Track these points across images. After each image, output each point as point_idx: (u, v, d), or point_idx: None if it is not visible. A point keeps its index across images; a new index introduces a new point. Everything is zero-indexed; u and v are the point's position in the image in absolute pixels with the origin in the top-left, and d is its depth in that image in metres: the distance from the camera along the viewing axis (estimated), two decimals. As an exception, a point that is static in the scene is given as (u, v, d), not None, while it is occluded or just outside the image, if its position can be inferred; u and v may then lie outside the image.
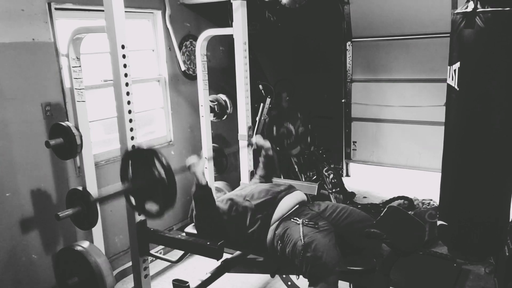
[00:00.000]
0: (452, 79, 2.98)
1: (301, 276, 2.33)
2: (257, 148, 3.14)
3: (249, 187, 2.74)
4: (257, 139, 3.11)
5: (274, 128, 3.53)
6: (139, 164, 2.09)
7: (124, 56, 2.25)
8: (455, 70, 2.94)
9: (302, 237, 2.23)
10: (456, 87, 2.95)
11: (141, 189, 2.09)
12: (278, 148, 3.42)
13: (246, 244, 2.58)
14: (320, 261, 2.13)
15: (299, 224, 2.33)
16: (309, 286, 2.17)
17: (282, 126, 3.51)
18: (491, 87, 2.84)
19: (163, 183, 2.00)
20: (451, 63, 3.01)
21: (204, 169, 2.47)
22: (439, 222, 3.30)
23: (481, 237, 3.10)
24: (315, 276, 2.14)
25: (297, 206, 2.53)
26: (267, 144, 3.07)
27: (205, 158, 2.50)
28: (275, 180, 3.18)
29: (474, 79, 2.87)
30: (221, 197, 2.74)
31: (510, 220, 3.18)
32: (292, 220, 2.39)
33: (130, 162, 2.11)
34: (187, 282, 2.42)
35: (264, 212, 2.46)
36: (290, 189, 2.65)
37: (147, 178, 2.05)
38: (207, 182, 2.50)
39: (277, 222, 2.43)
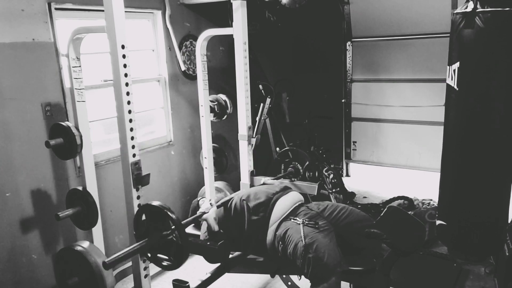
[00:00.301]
0: (452, 79, 2.98)
1: (302, 276, 2.33)
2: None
3: (246, 189, 2.76)
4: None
5: (282, 167, 3.61)
6: (151, 220, 2.19)
7: (124, 56, 2.25)
8: (454, 70, 2.94)
9: (303, 238, 2.23)
10: (455, 87, 2.95)
11: (155, 246, 2.18)
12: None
13: (246, 246, 2.59)
14: (321, 261, 2.13)
15: (299, 224, 2.33)
16: (311, 286, 2.17)
17: (290, 164, 3.58)
18: (491, 86, 2.85)
19: (176, 241, 2.13)
20: (450, 63, 3.01)
21: (215, 214, 2.60)
22: (438, 222, 3.30)
23: (480, 237, 3.11)
24: (316, 276, 2.14)
25: (295, 206, 2.53)
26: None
27: (215, 205, 2.62)
28: (272, 181, 3.19)
29: (474, 79, 2.88)
30: (224, 198, 2.75)
31: (510, 220, 3.19)
32: (292, 220, 2.39)
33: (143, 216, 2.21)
34: (187, 282, 2.42)
35: (260, 214, 2.47)
36: (285, 190, 2.65)
37: (160, 235, 2.15)
38: (219, 229, 2.57)
39: (276, 223, 2.43)
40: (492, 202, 3.08)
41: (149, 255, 2.24)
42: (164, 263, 2.22)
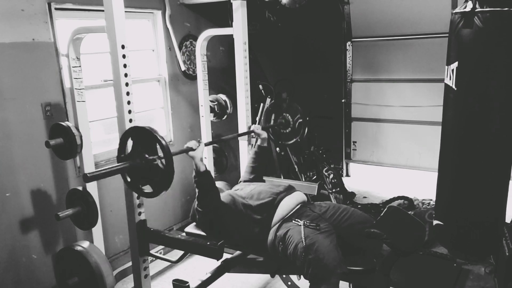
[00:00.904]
0: (450, 79, 2.98)
1: (301, 276, 2.33)
2: (254, 137, 3.14)
3: (248, 187, 2.74)
4: (255, 127, 3.11)
5: (273, 116, 3.53)
6: (138, 142, 2.10)
7: (124, 56, 2.26)
8: (453, 70, 2.94)
9: (303, 239, 2.23)
10: (453, 86, 2.95)
11: (138, 168, 2.09)
12: (274, 137, 3.42)
13: (247, 245, 2.58)
14: (321, 262, 2.13)
15: (300, 225, 2.32)
16: (310, 287, 2.17)
17: (281, 115, 3.51)
18: (489, 86, 2.85)
19: (161, 163, 2.03)
20: (449, 63, 3.01)
21: (203, 155, 2.48)
22: (435, 222, 3.30)
23: (478, 237, 3.11)
24: (316, 277, 2.14)
25: (298, 207, 2.53)
26: (263, 134, 3.05)
27: (204, 143, 2.51)
28: (275, 180, 3.18)
29: (472, 78, 2.87)
30: (221, 194, 2.74)
31: (511, 220, 3.19)
32: (293, 221, 2.39)
33: (129, 140, 2.13)
34: (187, 282, 2.42)
35: (264, 214, 2.46)
36: (290, 190, 2.64)
37: (144, 158, 2.07)
38: (206, 167, 2.47)
39: (278, 223, 2.42)
40: (490, 202, 3.08)
41: (128, 179, 2.16)
42: (146, 190, 2.14)
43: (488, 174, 2.99)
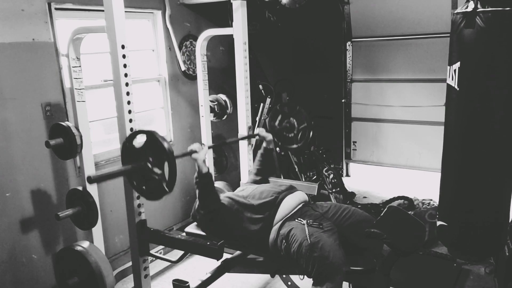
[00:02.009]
0: (452, 79, 2.98)
1: (304, 276, 2.33)
2: (259, 140, 3.12)
3: (250, 187, 2.74)
4: (260, 130, 3.10)
5: (278, 119, 3.52)
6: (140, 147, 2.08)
7: (124, 56, 2.25)
8: (455, 70, 2.94)
9: (308, 237, 2.23)
10: (456, 87, 2.95)
11: (142, 171, 2.07)
12: (278, 141, 3.40)
13: (248, 244, 2.58)
14: (327, 260, 2.13)
15: (304, 224, 2.33)
16: (313, 285, 2.17)
17: (287, 118, 3.50)
18: (492, 86, 2.84)
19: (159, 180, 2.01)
20: (451, 63, 3.00)
21: (206, 157, 2.49)
22: (438, 223, 3.30)
23: (481, 237, 3.10)
24: (321, 275, 2.14)
25: (300, 206, 2.53)
26: (269, 136, 3.05)
27: (207, 146, 2.51)
28: (275, 180, 3.18)
29: (474, 79, 2.87)
30: (221, 195, 2.74)
31: (510, 220, 3.18)
32: (296, 220, 2.39)
33: (132, 143, 2.10)
34: (187, 282, 2.42)
35: (266, 213, 2.46)
36: (291, 189, 2.65)
37: (147, 161, 2.04)
38: (208, 169, 2.50)
39: (280, 222, 2.43)
40: (493, 202, 3.08)
41: (134, 183, 2.13)
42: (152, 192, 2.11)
43: (492, 174, 2.99)
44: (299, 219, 2.39)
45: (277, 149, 4.61)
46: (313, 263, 2.16)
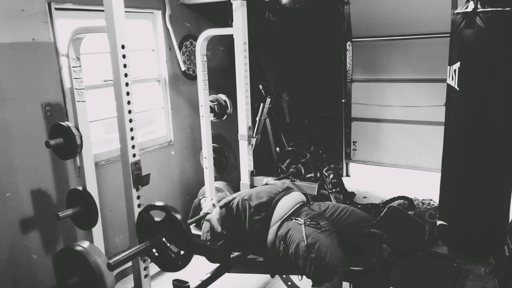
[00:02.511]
0: (452, 79, 2.98)
1: (303, 277, 2.33)
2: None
3: (248, 189, 2.76)
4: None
5: (287, 162, 3.57)
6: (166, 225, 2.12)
7: (124, 56, 2.25)
8: (455, 70, 2.94)
9: (305, 238, 2.23)
10: (456, 87, 2.95)
11: (158, 246, 2.13)
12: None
13: (246, 245, 2.58)
14: (323, 261, 2.13)
15: (301, 224, 2.33)
16: (312, 286, 2.17)
17: (295, 164, 3.54)
18: (491, 87, 2.84)
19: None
20: (451, 63, 3.01)
21: (218, 215, 2.62)
22: (439, 222, 3.30)
23: (481, 237, 3.10)
24: (319, 276, 2.14)
25: (297, 206, 2.53)
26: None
27: (218, 206, 2.66)
28: (274, 181, 3.19)
29: (474, 79, 2.87)
30: (224, 200, 2.75)
31: (510, 220, 3.18)
32: (294, 220, 2.39)
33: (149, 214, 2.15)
34: (187, 282, 2.42)
35: (262, 214, 2.47)
36: (287, 190, 2.65)
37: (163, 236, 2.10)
38: (222, 230, 2.58)
39: (278, 223, 2.43)
40: (493, 202, 3.08)
41: (153, 256, 2.20)
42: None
43: (492, 174, 2.99)
44: (296, 218, 2.39)
45: (277, 149, 4.62)
46: (310, 264, 2.16)
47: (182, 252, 2.08)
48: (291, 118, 5.21)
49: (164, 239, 2.09)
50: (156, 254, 2.16)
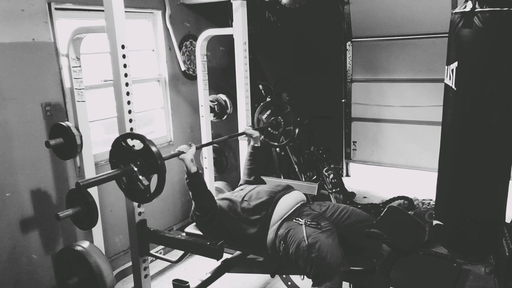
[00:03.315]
0: (450, 79, 2.99)
1: (302, 276, 2.33)
2: (248, 139, 3.13)
3: (247, 188, 2.74)
4: (246, 128, 3.13)
5: (267, 113, 3.53)
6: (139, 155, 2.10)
7: (124, 56, 2.26)
8: (452, 70, 2.94)
9: (306, 238, 2.23)
10: (453, 86, 2.95)
11: (129, 176, 2.10)
12: (261, 133, 3.41)
13: (246, 245, 2.58)
14: (324, 261, 2.13)
15: (301, 224, 2.32)
16: (312, 286, 2.17)
17: (275, 116, 3.51)
18: (489, 86, 2.85)
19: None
20: (448, 63, 3.01)
21: (193, 157, 2.52)
22: (435, 222, 3.31)
23: (477, 236, 3.11)
24: (319, 276, 2.14)
25: (298, 206, 2.53)
26: (255, 133, 3.06)
27: (195, 146, 2.54)
28: (273, 180, 3.18)
29: (472, 78, 2.88)
30: (218, 195, 2.74)
31: (511, 220, 3.19)
32: (294, 220, 2.38)
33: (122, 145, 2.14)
34: (187, 282, 2.42)
35: (262, 213, 2.46)
36: (288, 189, 2.64)
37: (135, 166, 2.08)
38: (197, 169, 2.50)
39: (278, 222, 2.42)
40: (489, 201, 3.08)
41: (123, 186, 2.17)
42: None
43: (488, 173, 2.99)
44: (297, 219, 2.38)
45: (277, 149, 4.62)
46: (311, 263, 2.16)
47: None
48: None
49: (136, 169, 2.07)
50: (125, 182, 2.14)
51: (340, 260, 2.16)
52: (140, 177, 2.07)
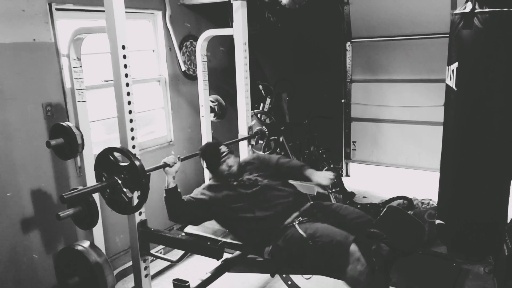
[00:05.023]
0: (450, 79, 2.99)
1: (308, 276, 2.35)
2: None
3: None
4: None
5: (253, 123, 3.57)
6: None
7: (124, 57, 2.26)
8: (453, 71, 2.95)
9: (303, 233, 2.25)
10: (454, 87, 2.96)
11: (113, 188, 2.20)
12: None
13: (246, 243, 2.59)
14: (332, 242, 2.15)
15: (295, 225, 2.34)
16: (342, 280, 2.16)
17: (260, 126, 3.55)
18: (489, 87, 2.85)
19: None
20: (449, 63, 3.02)
21: (175, 172, 2.64)
22: (437, 221, 3.31)
23: (479, 236, 3.11)
24: (334, 260, 2.15)
25: (296, 214, 2.51)
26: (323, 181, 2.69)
27: (180, 161, 2.59)
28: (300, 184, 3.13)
29: (472, 79, 2.88)
30: (197, 190, 2.76)
31: (510, 220, 3.19)
32: (288, 226, 2.39)
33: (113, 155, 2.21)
34: (187, 282, 2.43)
35: (265, 226, 2.45)
36: (295, 204, 2.57)
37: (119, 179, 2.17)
38: (176, 185, 2.61)
39: (276, 235, 2.42)
40: (491, 201, 3.09)
41: (106, 196, 2.26)
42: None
43: (490, 173, 3.00)
44: (291, 224, 2.38)
45: (277, 149, 4.62)
46: (322, 253, 2.16)
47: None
48: (291, 118, 5.21)
49: (120, 182, 2.15)
50: (109, 193, 2.23)
51: (345, 234, 2.17)
52: (125, 189, 2.15)
